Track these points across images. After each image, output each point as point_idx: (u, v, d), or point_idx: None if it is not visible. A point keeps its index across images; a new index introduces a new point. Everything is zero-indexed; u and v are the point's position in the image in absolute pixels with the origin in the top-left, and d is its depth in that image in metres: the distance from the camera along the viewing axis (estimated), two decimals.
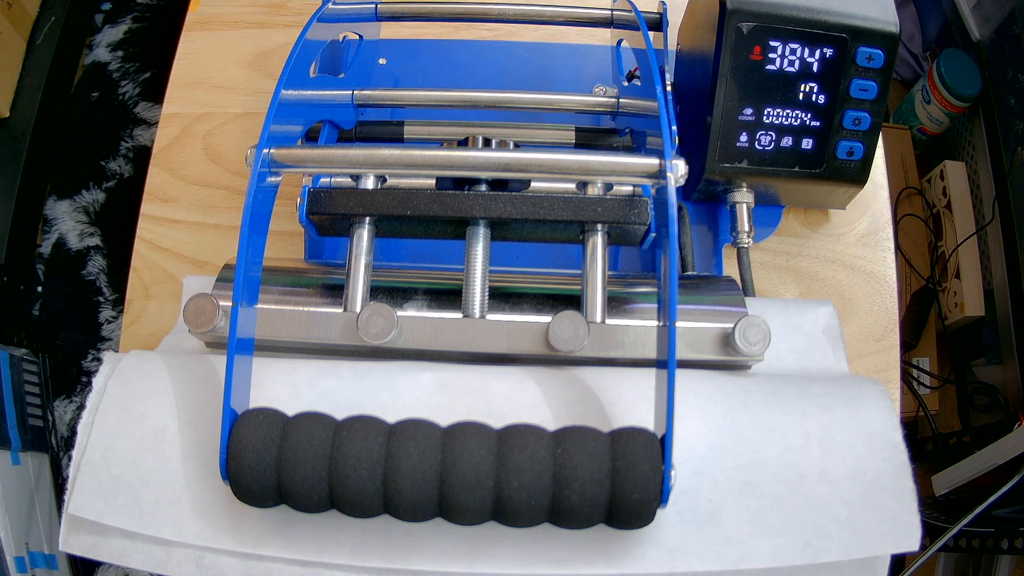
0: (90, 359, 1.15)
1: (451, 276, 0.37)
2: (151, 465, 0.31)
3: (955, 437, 1.02)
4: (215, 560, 0.31)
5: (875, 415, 0.32)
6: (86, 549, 0.31)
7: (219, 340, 0.36)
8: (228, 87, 0.56)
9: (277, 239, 0.50)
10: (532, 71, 0.55)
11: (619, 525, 0.28)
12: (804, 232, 0.51)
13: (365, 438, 0.28)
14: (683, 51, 0.51)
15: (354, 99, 0.47)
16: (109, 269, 1.19)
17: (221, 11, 0.58)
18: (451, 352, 0.35)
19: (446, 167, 0.34)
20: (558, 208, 0.36)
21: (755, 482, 0.31)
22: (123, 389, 0.33)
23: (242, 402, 0.30)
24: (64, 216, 1.22)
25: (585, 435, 0.28)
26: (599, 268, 0.35)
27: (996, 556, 0.92)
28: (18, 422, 1.01)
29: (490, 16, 0.49)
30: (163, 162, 0.54)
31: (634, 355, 0.35)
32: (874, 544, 0.30)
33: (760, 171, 0.45)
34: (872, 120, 0.44)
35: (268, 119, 0.34)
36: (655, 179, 0.33)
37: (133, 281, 0.51)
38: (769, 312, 0.37)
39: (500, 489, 0.27)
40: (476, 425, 0.29)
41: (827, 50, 0.43)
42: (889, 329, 0.49)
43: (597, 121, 0.51)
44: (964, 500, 0.90)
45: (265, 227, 0.34)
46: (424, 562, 0.30)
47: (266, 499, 0.29)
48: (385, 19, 0.49)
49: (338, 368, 0.34)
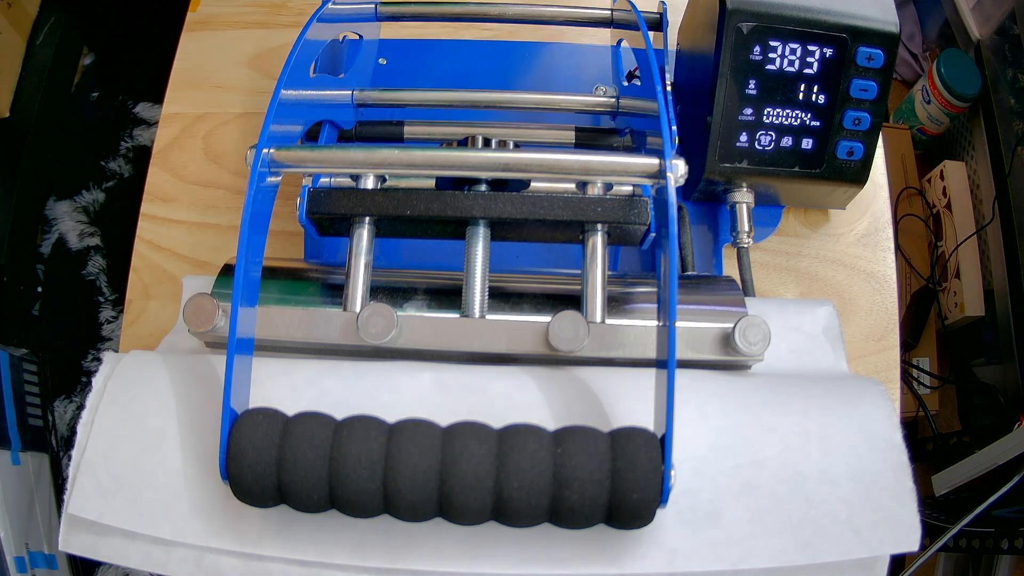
0: (90, 359, 1.15)
1: (451, 276, 0.37)
2: (151, 465, 0.31)
3: (955, 437, 1.02)
4: (215, 560, 0.31)
5: (875, 415, 0.32)
6: (86, 549, 0.31)
7: (219, 340, 0.36)
8: (228, 87, 0.56)
9: (277, 239, 0.50)
10: (532, 71, 0.55)
11: (619, 525, 0.28)
12: (804, 232, 0.51)
13: (365, 438, 0.28)
14: (683, 51, 0.51)
15: (354, 99, 0.47)
16: (109, 269, 1.19)
17: (221, 11, 0.58)
18: (451, 352, 0.35)
19: (446, 167, 0.34)
20: (558, 208, 0.36)
21: (755, 482, 0.31)
22: (123, 389, 0.33)
23: (242, 402, 0.30)
24: (64, 216, 1.22)
25: (585, 435, 0.28)
26: (599, 268, 0.35)
27: (996, 556, 0.92)
28: (18, 422, 1.01)
29: (490, 16, 0.49)
30: (163, 162, 0.54)
31: (634, 355, 0.35)
32: (874, 544, 0.30)
33: (760, 171, 0.45)
34: (872, 120, 0.44)
35: (268, 119, 0.34)
36: (655, 179, 0.33)
37: (133, 281, 0.51)
38: (769, 312, 0.37)
39: (500, 489, 0.27)
40: (476, 425, 0.29)
41: (827, 50, 0.43)
42: (889, 329, 0.49)
43: (597, 121, 0.51)
44: (964, 500, 0.89)
45: (265, 227, 0.34)
46: (424, 562, 0.30)
47: (266, 499, 0.29)
48: (385, 19, 0.49)
49: (338, 368, 0.34)
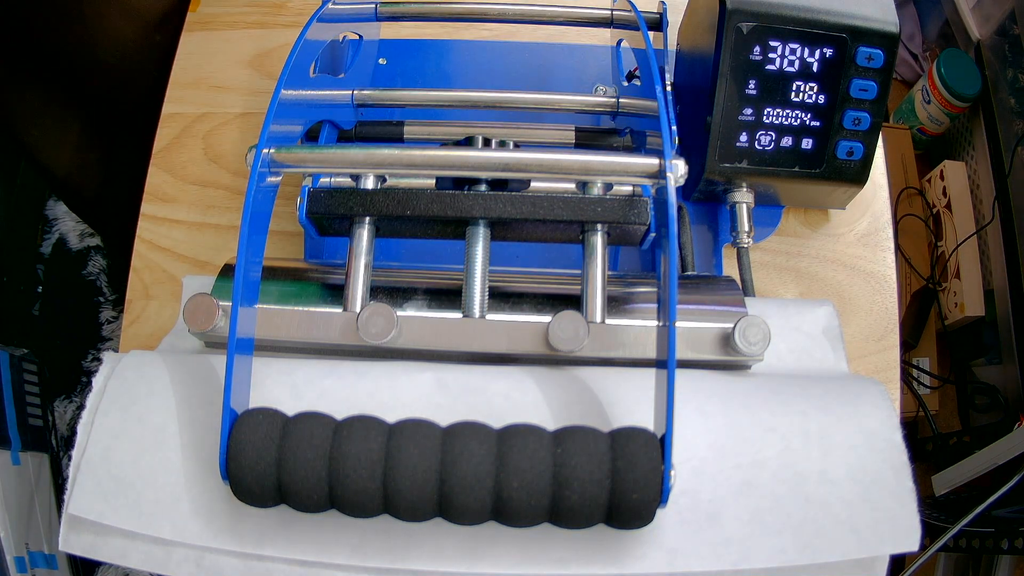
0: (90, 359, 1.15)
1: (451, 276, 0.37)
2: (151, 465, 0.31)
3: (955, 437, 1.02)
4: (215, 560, 0.31)
5: (875, 415, 0.32)
6: (86, 549, 0.31)
7: (219, 340, 0.36)
8: (228, 87, 0.56)
9: (277, 239, 0.50)
10: (532, 71, 0.55)
11: (619, 525, 0.29)
12: (804, 232, 0.51)
13: (365, 438, 0.28)
14: (683, 51, 0.51)
15: (354, 99, 0.47)
16: (109, 269, 1.19)
17: (221, 11, 0.58)
18: (451, 352, 0.35)
19: (446, 167, 0.34)
20: (558, 208, 0.36)
21: (755, 482, 0.31)
22: (123, 389, 0.33)
23: (242, 402, 0.30)
24: (64, 216, 1.22)
25: (585, 435, 0.28)
26: (599, 268, 0.35)
27: (996, 556, 0.92)
28: (18, 422, 1.01)
29: (490, 16, 0.49)
30: (163, 162, 0.54)
31: (634, 355, 0.35)
32: (874, 544, 0.30)
33: (760, 171, 0.45)
34: (872, 120, 0.44)
35: (268, 119, 0.34)
36: (655, 179, 0.33)
37: (133, 281, 0.51)
38: (769, 312, 0.37)
39: (500, 489, 0.27)
40: (476, 425, 0.29)
41: (827, 50, 0.43)
42: (889, 329, 0.49)
43: (597, 121, 0.51)
44: (964, 500, 0.89)
45: (265, 227, 0.34)
46: (424, 562, 0.30)
47: (266, 499, 0.29)
48: (385, 19, 0.49)
49: (338, 368, 0.34)
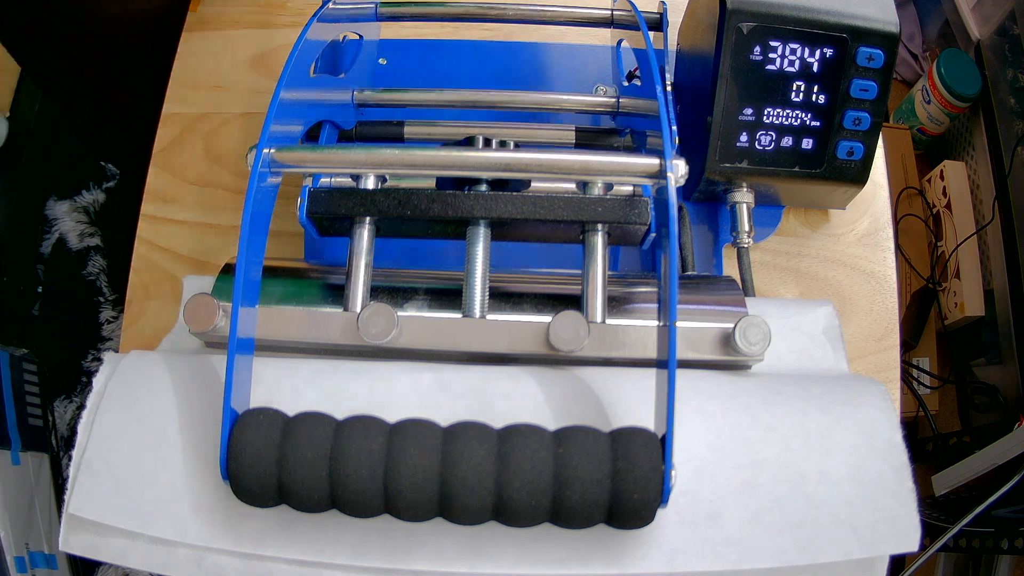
0: (90, 359, 1.15)
1: (451, 276, 0.37)
2: (151, 465, 0.31)
3: (955, 437, 1.02)
4: (215, 560, 0.31)
5: (875, 415, 0.32)
6: (86, 549, 0.31)
7: (219, 340, 0.36)
8: (228, 87, 0.56)
9: (277, 239, 0.50)
10: (532, 71, 0.55)
11: (619, 525, 0.29)
12: (804, 232, 0.51)
13: (365, 438, 0.28)
14: (683, 51, 0.51)
15: (354, 99, 0.47)
16: (109, 269, 1.19)
17: (221, 11, 0.58)
18: (451, 352, 0.35)
19: (446, 167, 0.34)
20: (558, 208, 0.36)
21: (755, 482, 0.31)
22: (123, 389, 0.33)
23: (242, 402, 0.30)
24: (64, 216, 1.22)
25: (585, 435, 0.28)
26: (599, 268, 0.35)
27: (996, 556, 0.92)
28: (18, 422, 1.01)
29: (490, 16, 0.49)
30: (163, 162, 0.54)
31: (634, 355, 0.35)
32: (874, 544, 0.30)
33: (760, 171, 0.45)
34: (872, 120, 0.44)
35: (268, 119, 0.34)
36: (655, 179, 0.33)
37: (133, 281, 0.51)
38: (769, 312, 0.37)
39: (500, 489, 0.27)
40: (476, 425, 0.29)
41: (827, 50, 0.43)
42: (889, 329, 0.49)
43: (597, 121, 0.51)
44: (964, 500, 0.89)
45: (265, 227, 0.34)
46: (424, 562, 0.30)
47: (266, 499, 0.29)
48: (385, 19, 0.49)
49: (338, 368, 0.34)
